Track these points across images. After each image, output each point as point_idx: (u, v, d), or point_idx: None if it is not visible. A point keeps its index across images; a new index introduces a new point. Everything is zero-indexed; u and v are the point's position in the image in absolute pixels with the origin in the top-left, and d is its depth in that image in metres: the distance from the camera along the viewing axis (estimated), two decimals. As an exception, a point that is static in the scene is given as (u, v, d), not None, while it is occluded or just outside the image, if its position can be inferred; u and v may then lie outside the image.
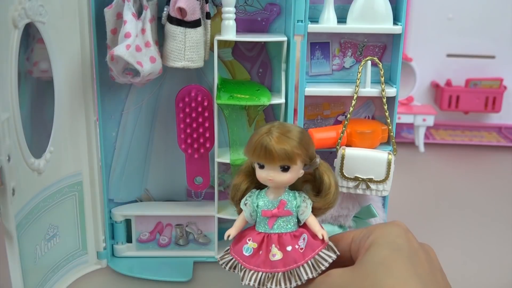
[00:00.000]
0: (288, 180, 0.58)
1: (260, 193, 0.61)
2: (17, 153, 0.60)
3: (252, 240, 0.60)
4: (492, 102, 1.53)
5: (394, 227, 0.56)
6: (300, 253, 0.58)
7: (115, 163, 0.83)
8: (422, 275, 0.50)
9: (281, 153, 0.55)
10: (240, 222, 0.63)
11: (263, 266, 0.59)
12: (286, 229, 0.59)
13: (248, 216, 0.61)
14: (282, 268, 0.58)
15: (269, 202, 0.60)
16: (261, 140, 0.56)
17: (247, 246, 0.61)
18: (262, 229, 0.60)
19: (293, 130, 0.57)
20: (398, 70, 0.77)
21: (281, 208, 0.59)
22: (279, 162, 0.56)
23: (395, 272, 0.49)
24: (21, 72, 0.62)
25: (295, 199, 0.60)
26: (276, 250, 0.59)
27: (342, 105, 0.81)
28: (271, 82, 0.81)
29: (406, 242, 0.54)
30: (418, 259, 0.52)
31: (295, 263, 0.57)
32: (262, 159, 0.57)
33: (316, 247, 0.58)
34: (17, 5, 0.58)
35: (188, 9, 0.69)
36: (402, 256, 0.51)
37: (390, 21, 0.76)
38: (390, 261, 0.50)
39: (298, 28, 0.74)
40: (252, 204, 0.61)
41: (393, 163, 0.73)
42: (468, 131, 1.60)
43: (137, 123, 0.81)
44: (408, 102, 1.51)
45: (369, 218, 0.77)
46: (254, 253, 0.60)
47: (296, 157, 0.56)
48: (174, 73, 0.78)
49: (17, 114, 0.60)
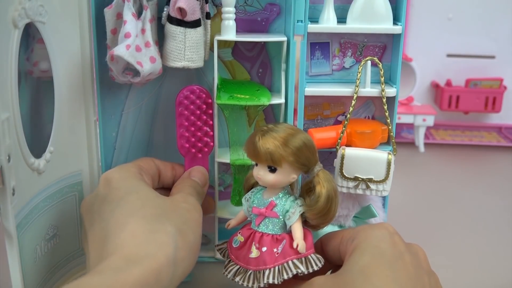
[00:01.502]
0: (273, 181, 0.59)
1: (259, 191, 0.63)
2: (17, 153, 0.60)
3: (241, 234, 0.63)
4: (492, 102, 1.53)
5: (379, 230, 0.56)
6: (274, 257, 0.58)
7: (115, 163, 0.82)
8: (402, 281, 0.50)
9: (265, 152, 0.57)
10: (241, 214, 0.65)
11: (242, 260, 0.61)
12: (270, 230, 0.60)
13: (246, 210, 0.64)
14: (253, 266, 0.59)
15: (261, 201, 0.61)
16: (252, 138, 0.58)
17: (236, 238, 0.63)
18: (252, 225, 0.62)
19: (281, 132, 0.58)
20: (398, 70, 0.77)
21: (269, 209, 0.60)
22: (266, 162, 0.58)
23: (374, 281, 0.49)
24: (21, 72, 0.62)
25: (285, 203, 0.60)
26: (254, 248, 0.60)
27: (342, 105, 0.81)
28: (271, 82, 0.81)
29: (390, 246, 0.54)
30: (402, 263, 0.52)
31: (264, 265, 0.58)
32: (252, 157, 0.59)
33: (288, 256, 0.58)
34: (17, 5, 0.58)
35: (188, 9, 0.69)
36: (383, 262, 0.51)
37: (390, 21, 0.76)
38: (370, 268, 0.51)
39: (298, 28, 0.74)
40: (250, 200, 0.63)
41: (393, 163, 0.73)
42: (468, 131, 1.60)
43: (137, 123, 0.81)
44: (408, 102, 1.51)
45: (369, 218, 0.77)
46: (240, 246, 0.62)
47: (281, 160, 0.57)
48: (174, 73, 0.78)
49: (17, 114, 0.60)
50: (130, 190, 0.60)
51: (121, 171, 0.64)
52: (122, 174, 0.63)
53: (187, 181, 0.69)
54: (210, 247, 0.85)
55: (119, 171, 0.64)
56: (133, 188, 0.61)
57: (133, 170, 0.65)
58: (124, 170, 0.64)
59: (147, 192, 0.60)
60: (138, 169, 0.66)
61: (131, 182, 0.62)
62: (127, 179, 0.62)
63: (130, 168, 0.65)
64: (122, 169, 0.65)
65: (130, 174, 0.64)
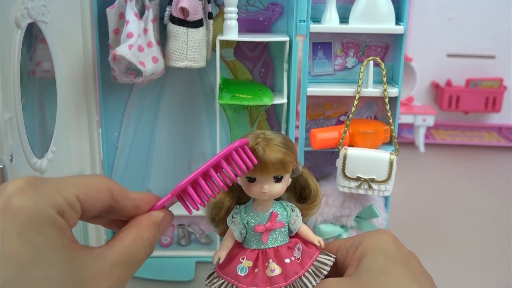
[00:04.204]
0: (281, 190, 0.55)
1: (247, 208, 0.57)
2: (19, 153, 0.60)
3: (246, 258, 0.56)
4: (492, 102, 1.53)
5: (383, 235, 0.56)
6: (297, 263, 0.56)
7: (117, 163, 0.83)
8: (420, 280, 0.50)
9: (277, 162, 0.52)
10: (229, 242, 0.57)
11: (262, 284, 0.55)
12: (280, 241, 0.56)
13: (238, 234, 0.56)
14: (283, 282, 0.55)
15: (259, 217, 0.56)
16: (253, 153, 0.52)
17: (242, 266, 0.56)
18: (255, 245, 0.56)
19: (277, 137, 0.55)
20: (400, 70, 0.77)
21: (273, 221, 0.56)
22: (274, 173, 0.53)
23: (397, 279, 0.49)
24: (24, 72, 0.62)
25: (284, 210, 0.57)
26: (275, 265, 0.55)
27: (344, 105, 0.81)
28: (273, 82, 0.81)
29: (397, 250, 0.54)
30: (412, 265, 0.53)
31: (296, 274, 0.55)
32: (256, 173, 0.53)
33: (313, 254, 0.57)
34: (20, 5, 0.58)
35: (190, 9, 0.69)
36: (398, 262, 0.52)
37: (392, 21, 0.76)
38: (389, 268, 0.51)
39: (300, 28, 0.74)
40: (241, 221, 0.56)
41: (395, 163, 0.73)
42: (468, 131, 1.60)
43: (139, 123, 0.81)
44: (408, 102, 1.51)
45: (371, 218, 0.77)
46: (249, 272, 0.56)
47: (289, 165, 0.54)
48: (176, 73, 0.78)
49: (20, 114, 0.59)
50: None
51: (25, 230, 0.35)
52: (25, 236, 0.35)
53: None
54: (212, 247, 0.85)
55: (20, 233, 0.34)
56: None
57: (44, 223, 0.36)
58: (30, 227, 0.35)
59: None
60: (57, 207, 0.37)
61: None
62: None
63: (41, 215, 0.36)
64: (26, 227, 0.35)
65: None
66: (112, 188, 0.42)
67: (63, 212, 0.37)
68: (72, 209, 0.38)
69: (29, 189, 0.36)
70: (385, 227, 0.80)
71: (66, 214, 0.37)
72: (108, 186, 0.41)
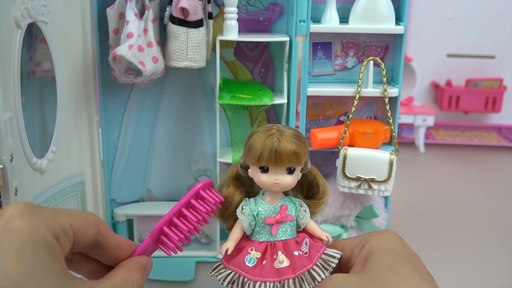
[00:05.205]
0: (293, 182, 0.56)
1: (256, 200, 0.58)
2: (19, 153, 0.60)
3: (255, 249, 0.57)
4: (492, 102, 1.53)
5: (389, 235, 0.56)
6: (305, 257, 0.57)
7: (117, 163, 0.83)
8: (426, 278, 0.51)
9: (291, 153, 0.54)
10: (238, 233, 0.57)
11: (270, 275, 0.55)
12: (289, 235, 0.57)
13: (247, 226, 0.57)
14: (291, 274, 0.55)
15: (269, 209, 0.57)
16: (268, 143, 0.54)
17: (250, 257, 0.56)
18: (264, 237, 0.57)
19: (290, 130, 0.56)
20: (400, 70, 0.77)
21: (283, 214, 0.57)
22: (288, 164, 0.55)
23: (406, 277, 0.49)
24: (24, 72, 0.62)
25: (293, 204, 0.58)
26: (283, 257, 0.56)
27: (344, 105, 0.81)
28: (273, 82, 0.81)
29: (404, 249, 0.54)
30: (419, 264, 0.53)
31: (304, 267, 0.56)
32: (270, 162, 0.54)
33: (320, 247, 0.57)
34: (20, 5, 0.58)
35: (191, 9, 0.69)
36: (405, 261, 0.52)
37: (393, 21, 0.76)
38: (397, 266, 0.51)
39: (300, 28, 0.74)
40: (251, 213, 0.57)
41: (395, 163, 0.73)
42: (468, 131, 1.60)
43: (139, 123, 0.81)
44: (408, 102, 1.51)
45: (371, 218, 0.77)
46: (257, 264, 0.56)
47: (302, 157, 0.56)
48: (176, 73, 0.78)
49: (20, 114, 0.60)
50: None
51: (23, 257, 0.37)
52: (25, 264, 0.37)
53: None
54: (212, 247, 0.85)
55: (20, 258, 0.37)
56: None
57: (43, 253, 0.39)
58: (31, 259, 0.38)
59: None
60: (53, 231, 0.40)
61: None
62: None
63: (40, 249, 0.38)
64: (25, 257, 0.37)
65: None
66: (99, 223, 0.45)
67: (58, 237, 0.40)
68: (65, 235, 0.41)
69: (29, 213, 0.39)
70: (385, 227, 0.80)
71: (60, 239, 0.40)
72: (96, 220, 0.45)
